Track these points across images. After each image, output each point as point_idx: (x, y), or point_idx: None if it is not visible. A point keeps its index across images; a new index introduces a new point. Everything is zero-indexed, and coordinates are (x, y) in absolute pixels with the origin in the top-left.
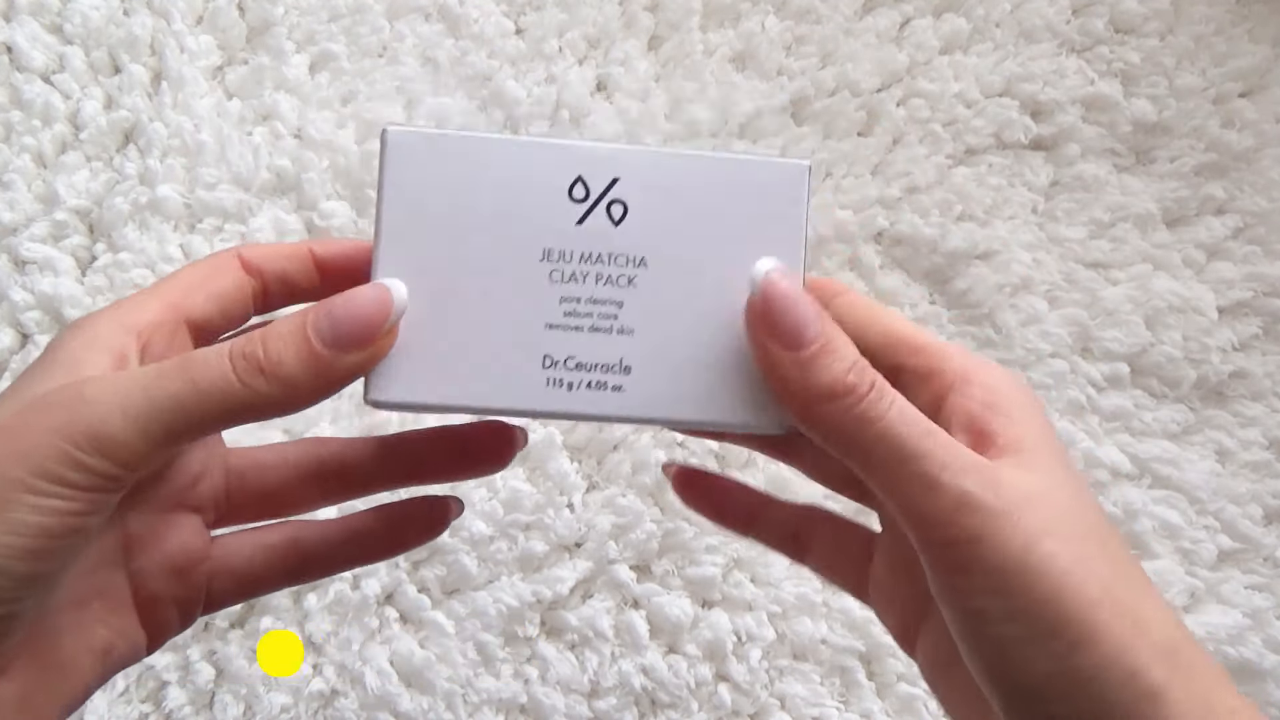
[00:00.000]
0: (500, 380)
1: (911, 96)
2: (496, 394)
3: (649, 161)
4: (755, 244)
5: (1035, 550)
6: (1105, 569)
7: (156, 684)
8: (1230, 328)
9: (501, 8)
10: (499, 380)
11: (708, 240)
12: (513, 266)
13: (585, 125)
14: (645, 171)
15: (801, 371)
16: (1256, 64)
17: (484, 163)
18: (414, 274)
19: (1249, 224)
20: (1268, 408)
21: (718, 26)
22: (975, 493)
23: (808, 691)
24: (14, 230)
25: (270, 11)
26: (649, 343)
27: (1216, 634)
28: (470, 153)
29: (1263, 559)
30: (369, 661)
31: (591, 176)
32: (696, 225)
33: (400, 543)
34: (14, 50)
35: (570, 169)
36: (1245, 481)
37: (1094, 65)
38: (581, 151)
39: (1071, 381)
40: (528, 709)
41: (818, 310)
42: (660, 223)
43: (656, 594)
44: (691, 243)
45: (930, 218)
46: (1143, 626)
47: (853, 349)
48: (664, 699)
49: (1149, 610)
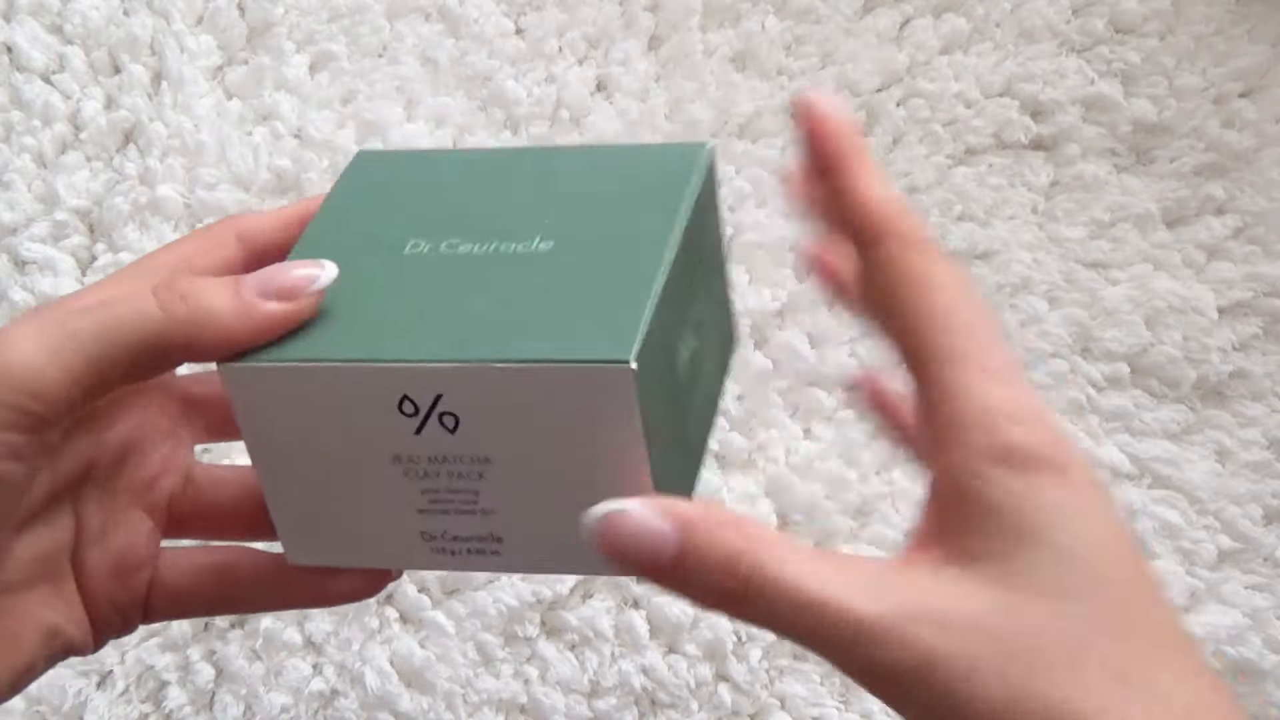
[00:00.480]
0: (395, 549)
1: (911, 96)
2: (395, 559)
3: (467, 376)
4: (593, 439)
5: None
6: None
7: (156, 684)
8: (1230, 328)
9: (501, 8)
10: (394, 549)
11: (543, 438)
12: (373, 470)
13: (585, 125)
14: (465, 386)
15: (675, 585)
16: (1256, 64)
17: (322, 389)
18: (297, 480)
19: (1249, 224)
20: (1268, 408)
21: (718, 26)
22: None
23: (808, 691)
24: (14, 230)
25: (270, 11)
26: (512, 519)
27: (1216, 634)
28: (305, 382)
29: (1263, 559)
30: (369, 661)
31: (416, 395)
32: (528, 427)
33: (326, 595)
34: (14, 50)
35: (395, 390)
36: (1245, 481)
37: (1094, 65)
38: (401, 374)
39: (1071, 381)
40: (528, 709)
41: (663, 533)
42: (492, 428)
43: (656, 594)
44: (527, 440)
45: (930, 218)
46: None
47: (723, 536)
48: (664, 699)
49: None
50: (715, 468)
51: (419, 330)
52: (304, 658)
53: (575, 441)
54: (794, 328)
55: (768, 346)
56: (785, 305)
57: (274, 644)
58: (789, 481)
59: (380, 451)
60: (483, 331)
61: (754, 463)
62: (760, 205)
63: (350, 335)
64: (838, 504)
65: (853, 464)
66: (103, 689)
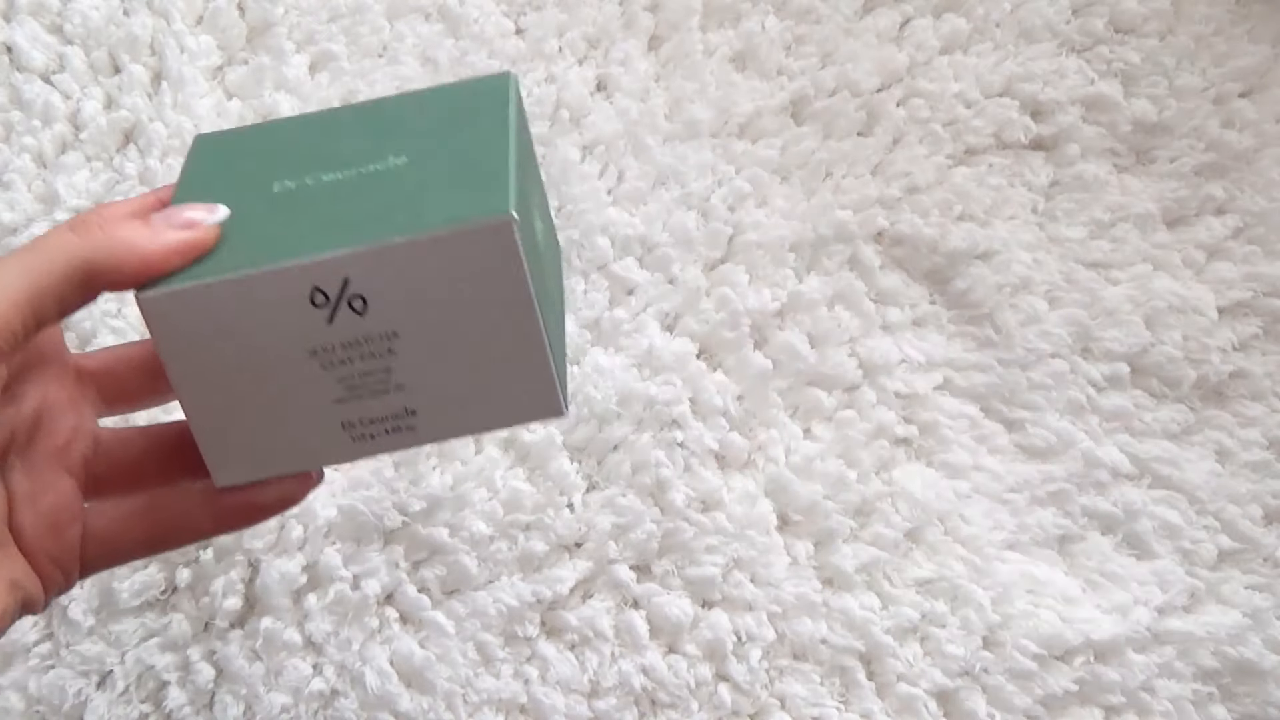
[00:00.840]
0: (317, 447)
1: (911, 96)
2: (319, 457)
3: (371, 257)
4: (488, 297)
5: None
6: None
7: (156, 684)
8: (1230, 328)
9: (501, 8)
10: (317, 448)
11: (443, 304)
12: (291, 370)
13: (585, 125)
14: (370, 267)
15: None
16: (1256, 64)
17: (237, 301)
18: (219, 399)
19: (1249, 224)
20: (1268, 408)
21: (718, 26)
22: None
23: (808, 691)
24: (14, 230)
25: (270, 11)
26: (423, 388)
27: (1216, 634)
28: (221, 297)
29: (1263, 559)
30: (369, 661)
31: (326, 284)
32: (430, 295)
33: (257, 509)
34: (14, 50)
35: (306, 284)
36: (1245, 481)
37: (1094, 65)
38: (311, 268)
39: (1071, 381)
40: (528, 709)
41: None
42: (396, 302)
43: (656, 594)
44: (430, 309)
45: (930, 218)
46: None
47: None
48: (664, 699)
49: None
50: (715, 467)
51: (317, 232)
52: (304, 658)
53: (472, 302)
54: (794, 328)
55: (768, 346)
56: (785, 305)
57: (274, 644)
58: (789, 481)
59: (297, 349)
60: (376, 220)
61: (754, 463)
62: (760, 205)
63: (254, 249)
64: (838, 504)
65: (853, 464)
66: (103, 689)
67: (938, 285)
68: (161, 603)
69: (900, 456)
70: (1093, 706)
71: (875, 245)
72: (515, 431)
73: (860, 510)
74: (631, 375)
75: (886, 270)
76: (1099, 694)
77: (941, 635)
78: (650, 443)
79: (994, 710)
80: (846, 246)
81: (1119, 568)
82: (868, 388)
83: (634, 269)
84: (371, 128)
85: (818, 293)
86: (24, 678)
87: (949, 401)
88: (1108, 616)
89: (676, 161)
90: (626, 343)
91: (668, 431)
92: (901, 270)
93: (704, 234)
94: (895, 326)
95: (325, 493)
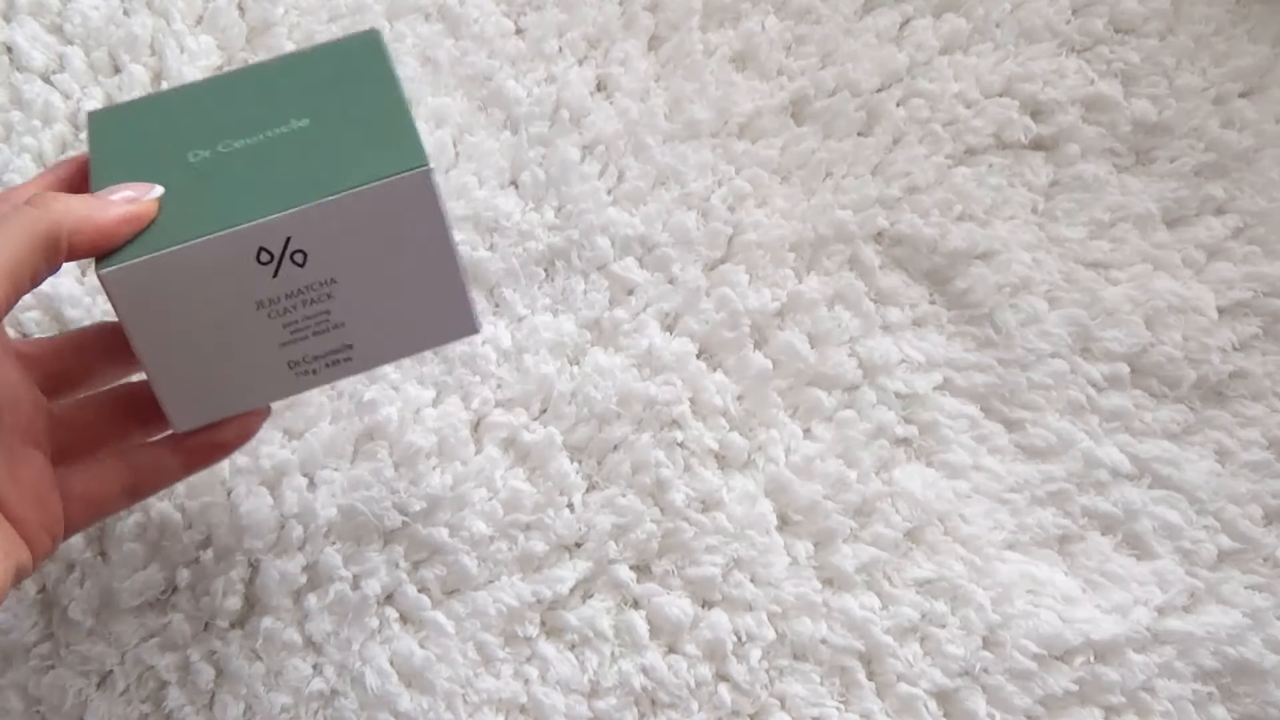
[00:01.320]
0: (266, 386)
1: (911, 96)
2: (268, 395)
3: (310, 215)
4: (412, 237)
5: None
6: None
7: (156, 684)
8: (1230, 328)
9: (501, 8)
10: (265, 386)
11: (374, 248)
12: (241, 322)
13: (585, 125)
14: (309, 225)
15: None
16: (1256, 64)
17: (191, 266)
18: (177, 355)
19: (1249, 224)
20: (1268, 408)
21: (718, 26)
22: None
23: (808, 691)
24: None
25: (270, 11)
26: (358, 323)
27: (1216, 634)
28: (176, 264)
29: (1263, 559)
30: (369, 661)
31: (270, 244)
32: (362, 242)
33: (218, 446)
34: (14, 50)
35: (252, 245)
36: (1245, 481)
37: (1094, 65)
38: (257, 230)
39: (1071, 381)
40: (528, 709)
41: None
42: (333, 252)
43: (656, 594)
44: (362, 254)
45: (930, 218)
46: None
47: None
48: (664, 699)
49: None
50: (715, 467)
51: (253, 197)
52: (304, 658)
53: (400, 243)
54: (794, 328)
55: (768, 346)
56: (785, 305)
57: (274, 644)
58: (789, 481)
59: (246, 302)
60: (307, 182)
61: (754, 463)
62: (760, 205)
63: (197, 218)
64: (838, 504)
65: (853, 464)
66: (103, 689)
67: (938, 285)
68: (161, 603)
69: (900, 456)
70: (1093, 706)
71: (875, 245)
72: (515, 431)
73: (860, 510)
74: (631, 375)
75: (886, 270)
76: (1099, 694)
77: (941, 635)
78: (650, 443)
79: (994, 710)
80: (846, 246)
81: (1119, 568)
82: (868, 388)
83: (634, 269)
84: (259, 92)
85: (818, 293)
86: (24, 678)
87: (949, 401)
88: (1108, 616)
89: (676, 161)
90: (626, 343)
91: (668, 431)
92: (901, 270)
93: (704, 234)
94: (895, 326)
95: (325, 493)
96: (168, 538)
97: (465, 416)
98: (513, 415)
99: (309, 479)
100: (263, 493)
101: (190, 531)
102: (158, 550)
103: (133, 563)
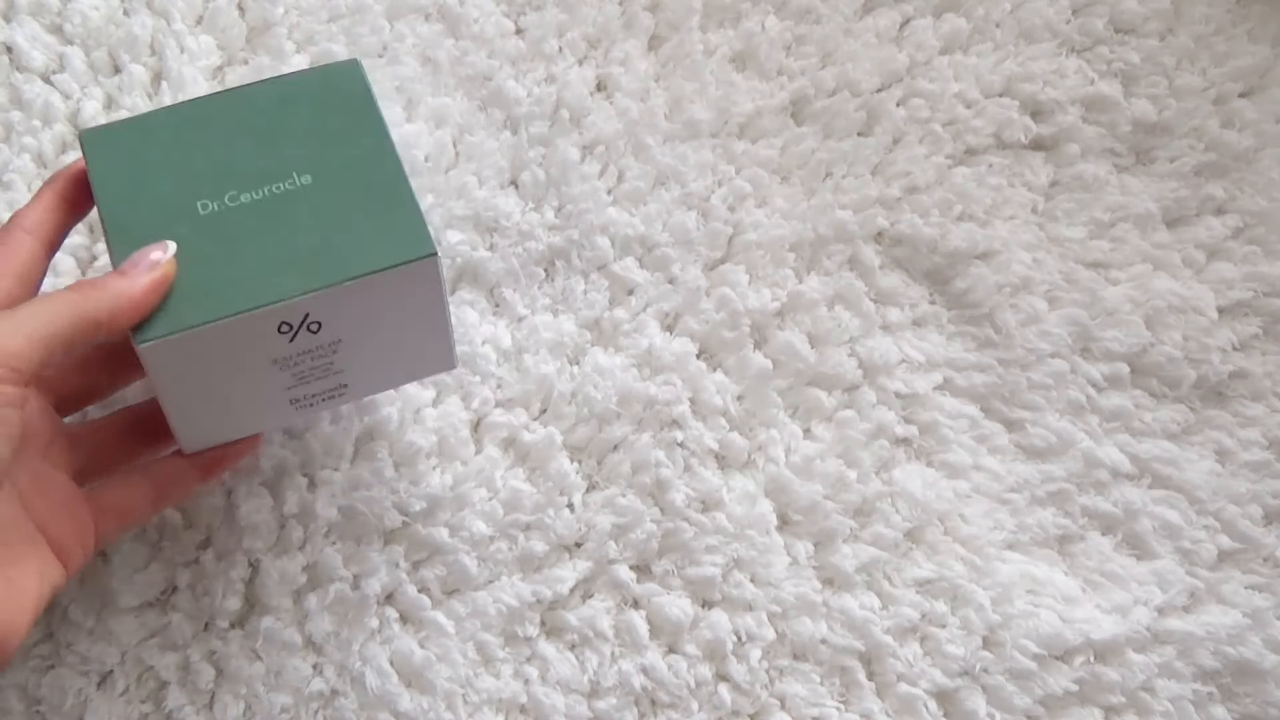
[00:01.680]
0: (268, 417)
1: (911, 96)
2: (268, 424)
3: (328, 297)
4: (415, 304)
5: None
6: None
7: (156, 684)
8: (1230, 328)
9: (501, 8)
10: (267, 418)
11: (380, 316)
12: (255, 374)
13: (585, 125)
14: (327, 303)
15: None
16: (1256, 64)
17: (220, 338)
18: (195, 399)
19: (1249, 224)
20: (1268, 408)
21: (718, 26)
22: None
23: (808, 691)
24: None
25: (270, 11)
26: (356, 368)
27: (1216, 634)
28: (207, 337)
29: (1263, 559)
30: (369, 661)
31: (291, 319)
32: (370, 313)
33: (226, 459)
34: (14, 50)
35: (274, 321)
36: (1245, 481)
37: (1094, 65)
38: (282, 309)
39: (1071, 381)
40: (528, 709)
41: None
42: (343, 321)
43: (656, 594)
44: (369, 320)
45: (930, 218)
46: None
47: None
48: (664, 699)
49: None
50: (715, 467)
51: (273, 273)
52: (304, 658)
53: (402, 310)
54: (794, 328)
55: (768, 346)
56: (785, 305)
57: (274, 644)
58: (789, 481)
59: (262, 361)
60: (323, 259)
61: (754, 463)
62: (760, 205)
63: (223, 291)
64: (838, 504)
65: (853, 464)
66: (103, 689)
67: (938, 285)
68: (161, 603)
69: (900, 456)
70: (1093, 706)
71: (875, 245)
72: (515, 431)
73: (860, 510)
74: (631, 375)
75: (886, 270)
76: (1099, 694)
77: (941, 635)
78: (650, 443)
79: (994, 710)
80: (846, 246)
81: (1119, 568)
82: (868, 388)
83: (634, 269)
84: (255, 133)
85: (818, 293)
86: (24, 678)
87: (949, 401)
88: (1108, 616)
89: (676, 161)
90: (626, 343)
91: (668, 431)
92: (901, 270)
93: (704, 234)
94: (895, 326)
95: (325, 493)
96: (168, 538)
97: (465, 416)
98: (512, 415)
99: (309, 479)
100: (263, 493)
101: (190, 531)
102: (158, 550)
103: (133, 563)
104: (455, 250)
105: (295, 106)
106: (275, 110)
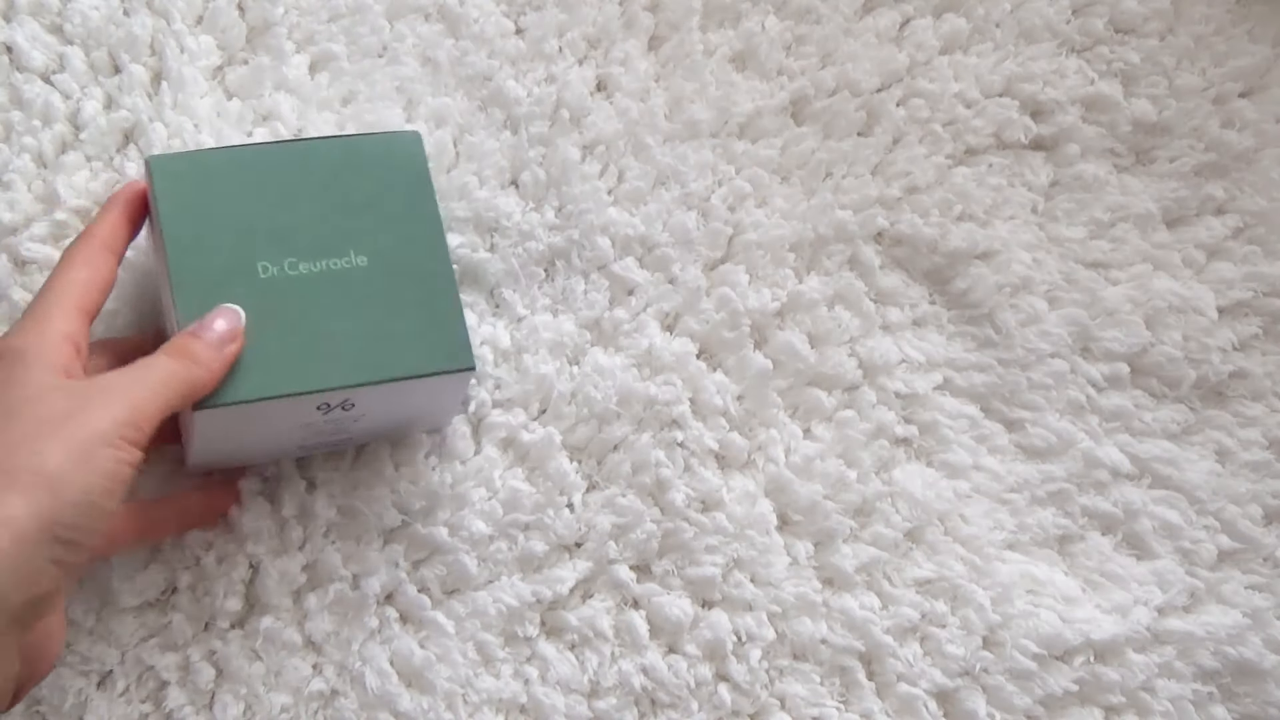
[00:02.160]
0: (277, 454)
1: (911, 96)
2: (275, 457)
3: (368, 389)
4: (440, 394)
5: None
6: None
7: (156, 684)
8: (1230, 328)
9: (501, 8)
10: (276, 454)
11: (406, 402)
12: (283, 433)
13: (585, 125)
14: (365, 393)
15: None
16: (1256, 64)
17: (266, 410)
18: (224, 443)
19: (1249, 224)
20: (1268, 408)
21: (718, 26)
22: None
23: (808, 691)
24: (14, 230)
25: (270, 11)
26: (367, 429)
27: (1216, 634)
28: (256, 408)
29: (1263, 559)
30: (369, 661)
31: (331, 401)
32: (399, 400)
33: (234, 483)
34: (14, 50)
35: (315, 401)
36: (1245, 481)
37: (1094, 65)
38: (325, 394)
39: (1071, 381)
40: (528, 709)
41: None
42: (372, 404)
43: (656, 594)
44: (395, 404)
45: (930, 218)
46: None
47: None
48: (664, 699)
49: None
50: (715, 467)
51: (322, 359)
52: (304, 658)
53: (429, 398)
54: (794, 328)
55: (768, 346)
56: (785, 305)
57: (274, 644)
58: (789, 481)
59: (292, 425)
60: (369, 354)
61: (754, 463)
62: (760, 205)
63: (275, 370)
64: (838, 504)
65: (853, 464)
66: (103, 689)
67: (938, 285)
68: (161, 603)
69: (900, 456)
70: (1093, 706)
71: (875, 245)
72: (515, 431)
73: (860, 510)
74: (631, 375)
75: (886, 270)
76: (1099, 694)
77: (941, 635)
78: (650, 443)
79: (994, 710)
80: (846, 246)
81: (1119, 568)
82: (868, 388)
83: (634, 269)
84: (316, 193)
85: (818, 293)
86: None
87: (949, 401)
88: (1108, 616)
89: (676, 161)
90: (626, 343)
91: (668, 431)
92: (901, 270)
93: (704, 234)
94: (895, 326)
95: (325, 493)
96: (168, 538)
97: (464, 416)
98: (511, 415)
99: (309, 480)
100: (263, 493)
101: (191, 532)
102: (158, 551)
103: (133, 563)
104: (456, 255)
105: (357, 174)
106: (337, 175)
